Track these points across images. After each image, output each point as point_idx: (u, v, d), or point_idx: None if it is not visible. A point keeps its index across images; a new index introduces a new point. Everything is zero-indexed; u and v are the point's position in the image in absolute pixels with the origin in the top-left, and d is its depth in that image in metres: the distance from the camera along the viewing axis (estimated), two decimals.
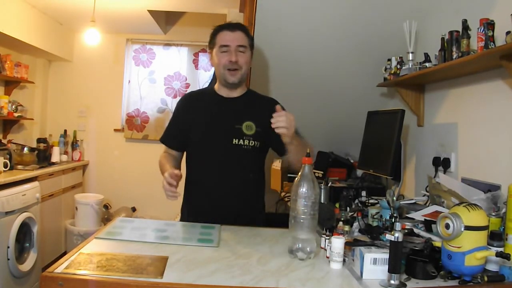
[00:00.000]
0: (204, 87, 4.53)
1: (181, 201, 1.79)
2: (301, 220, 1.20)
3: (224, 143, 1.66)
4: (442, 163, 1.96)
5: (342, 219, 1.39)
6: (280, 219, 1.65)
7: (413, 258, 1.10)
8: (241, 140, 1.65)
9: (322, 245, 1.28)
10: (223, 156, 1.67)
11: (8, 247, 2.68)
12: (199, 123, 1.71)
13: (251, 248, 1.30)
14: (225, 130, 1.67)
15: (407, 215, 1.58)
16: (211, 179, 1.68)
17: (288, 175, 2.75)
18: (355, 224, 1.42)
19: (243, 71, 1.68)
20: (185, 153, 1.80)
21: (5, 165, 3.11)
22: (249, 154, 1.67)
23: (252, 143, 1.66)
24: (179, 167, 1.72)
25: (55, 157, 3.95)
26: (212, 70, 3.97)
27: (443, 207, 1.54)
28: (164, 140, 1.83)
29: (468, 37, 1.62)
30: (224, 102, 1.73)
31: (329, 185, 2.36)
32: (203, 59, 4.62)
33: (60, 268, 1.02)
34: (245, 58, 1.67)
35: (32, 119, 4.21)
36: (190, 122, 1.73)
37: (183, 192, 1.79)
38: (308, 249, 1.20)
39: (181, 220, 1.77)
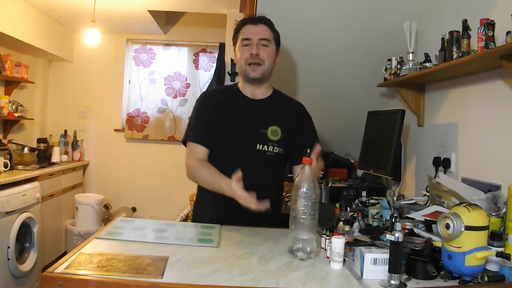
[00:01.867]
0: (202, 88, 4.56)
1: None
2: (301, 220, 1.20)
3: (247, 149, 1.58)
4: (442, 163, 1.96)
5: (342, 219, 1.39)
6: (280, 219, 1.65)
7: (413, 258, 1.10)
8: (265, 146, 1.58)
9: (322, 245, 1.28)
10: (245, 162, 1.52)
11: (9, 247, 2.68)
12: (222, 125, 1.61)
13: (251, 248, 1.30)
14: (249, 134, 1.58)
15: (407, 215, 1.58)
16: None
17: (288, 175, 2.75)
18: (355, 224, 1.42)
19: (266, 66, 1.59)
20: None
21: (5, 165, 3.11)
22: (273, 161, 1.60)
23: (276, 149, 1.59)
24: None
25: (55, 157, 3.95)
26: (212, 70, 3.97)
27: (444, 207, 1.54)
28: (195, 139, 1.60)
29: (468, 37, 1.62)
30: (249, 104, 1.64)
31: (329, 185, 2.36)
32: (203, 59, 4.62)
33: (60, 268, 1.02)
34: (268, 52, 1.59)
35: (32, 119, 4.21)
36: (216, 120, 1.61)
37: (196, 194, 1.72)
38: (308, 249, 1.20)
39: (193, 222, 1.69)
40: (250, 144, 1.58)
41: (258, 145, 1.58)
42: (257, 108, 1.64)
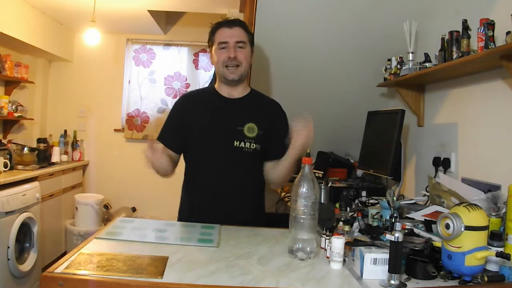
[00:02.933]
0: (203, 87, 4.56)
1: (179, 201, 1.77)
2: (301, 220, 1.20)
3: (225, 145, 1.63)
4: (442, 163, 1.96)
5: (342, 219, 1.39)
6: (280, 219, 1.65)
7: (413, 258, 1.10)
8: (242, 143, 1.62)
9: (322, 245, 1.28)
10: (224, 159, 1.64)
11: (8, 247, 2.68)
12: (199, 124, 1.67)
13: (251, 248, 1.30)
14: (226, 132, 1.64)
15: (407, 215, 1.58)
16: (210, 181, 1.65)
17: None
18: (355, 224, 1.42)
19: (243, 68, 1.65)
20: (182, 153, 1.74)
21: (5, 165, 3.11)
22: (250, 157, 1.64)
23: (253, 146, 1.63)
24: (173, 168, 1.69)
25: (55, 157, 3.95)
26: (213, 70, 3.97)
27: (443, 207, 1.54)
28: (161, 138, 1.71)
29: (468, 37, 1.62)
30: (226, 102, 1.69)
31: (329, 185, 2.36)
32: (203, 59, 4.62)
33: (60, 268, 1.02)
34: (245, 54, 1.64)
35: (32, 119, 4.21)
36: (190, 122, 1.68)
37: (181, 192, 1.77)
38: (308, 249, 1.20)
39: (179, 221, 1.73)
40: (227, 141, 1.63)
41: (235, 141, 1.63)
42: (233, 106, 1.69)
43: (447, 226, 1.03)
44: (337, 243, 1.13)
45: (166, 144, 1.69)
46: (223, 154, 1.64)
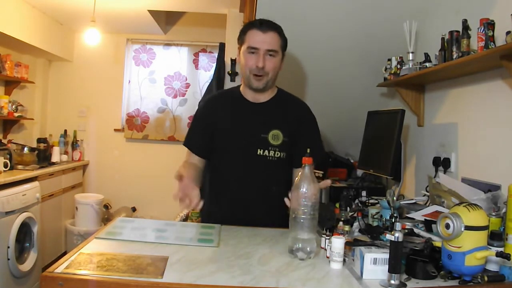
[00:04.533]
0: (202, 88, 4.56)
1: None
2: (301, 220, 1.20)
3: (248, 153, 1.58)
4: (442, 163, 1.96)
5: (342, 219, 1.39)
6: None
7: (413, 258, 1.10)
8: (266, 151, 1.57)
9: (322, 245, 1.28)
10: (247, 168, 1.59)
11: (8, 247, 2.68)
12: (223, 130, 1.62)
13: (251, 248, 1.30)
14: (250, 139, 1.58)
15: (407, 215, 1.58)
16: (233, 189, 1.61)
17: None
18: (355, 224, 1.42)
19: (270, 77, 1.57)
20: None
21: (5, 165, 3.11)
22: (274, 166, 1.58)
23: (277, 154, 1.58)
24: (201, 178, 1.62)
25: (55, 157, 3.95)
26: (212, 70, 3.97)
27: (443, 207, 1.54)
28: (189, 144, 1.67)
29: (468, 37, 1.62)
30: (250, 108, 1.63)
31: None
32: (203, 59, 4.62)
33: (60, 268, 1.02)
34: (274, 64, 1.56)
35: (32, 119, 4.21)
36: (214, 127, 1.63)
37: (206, 198, 1.72)
38: (308, 249, 1.20)
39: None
40: (251, 149, 1.58)
41: (259, 150, 1.58)
42: (258, 111, 1.63)
43: (447, 226, 1.03)
44: (337, 243, 1.13)
45: (194, 150, 1.66)
46: (246, 162, 1.59)
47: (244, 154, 1.59)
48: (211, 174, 1.70)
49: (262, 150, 1.57)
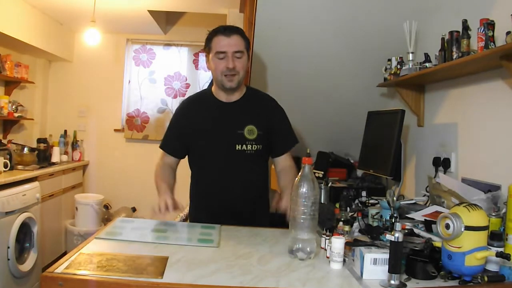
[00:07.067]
0: (202, 88, 4.55)
1: (185, 202, 1.80)
2: (301, 220, 1.20)
3: (227, 150, 1.68)
4: (442, 163, 1.96)
5: (342, 219, 1.39)
6: (280, 219, 1.65)
7: (413, 258, 1.10)
8: (244, 146, 1.67)
9: (322, 245, 1.28)
10: (227, 163, 1.69)
11: (8, 247, 2.68)
12: (200, 130, 1.71)
13: (251, 248, 1.30)
14: (227, 137, 1.68)
15: (407, 215, 1.58)
16: (215, 185, 1.71)
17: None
18: (355, 224, 1.42)
19: (241, 76, 1.68)
20: (186, 157, 1.81)
21: (5, 165, 3.11)
22: (253, 158, 1.69)
23: (255, 147, 1.68)
24: (174, 177, 1.77)
25: (55, 157, 3.95)
26: None
27: (443, 207, 1.54)
28: (164, 146, 1.81)
29: (468, 37, 1.62)
30: (224, 107, 1.73)
31: (329, 185, 2.36)
32: (203, 59, 4.61)
33: (60, 268, 1.02)
34: (242, 63, 1.67)
35: (32, 119, 4.21)
36: (192, 129, 1.73)
37: (189, 195, 1.83)
38: (308, 249, 1.20)
39: (190, 221, 1.81)
40: (230, 145, 1.67)
41: (237, 145, 1.67)
42: (232, 110, 1.73)
43: (447, 226, 1.03)
44: (337, 243, 1.13)
45: (168, 152, 1.79)
46: (225, 158, 1.69)
47: (224, 150, 1.69)
48: (194, 173, 1.80)
49: (240, 145, 1.67)
